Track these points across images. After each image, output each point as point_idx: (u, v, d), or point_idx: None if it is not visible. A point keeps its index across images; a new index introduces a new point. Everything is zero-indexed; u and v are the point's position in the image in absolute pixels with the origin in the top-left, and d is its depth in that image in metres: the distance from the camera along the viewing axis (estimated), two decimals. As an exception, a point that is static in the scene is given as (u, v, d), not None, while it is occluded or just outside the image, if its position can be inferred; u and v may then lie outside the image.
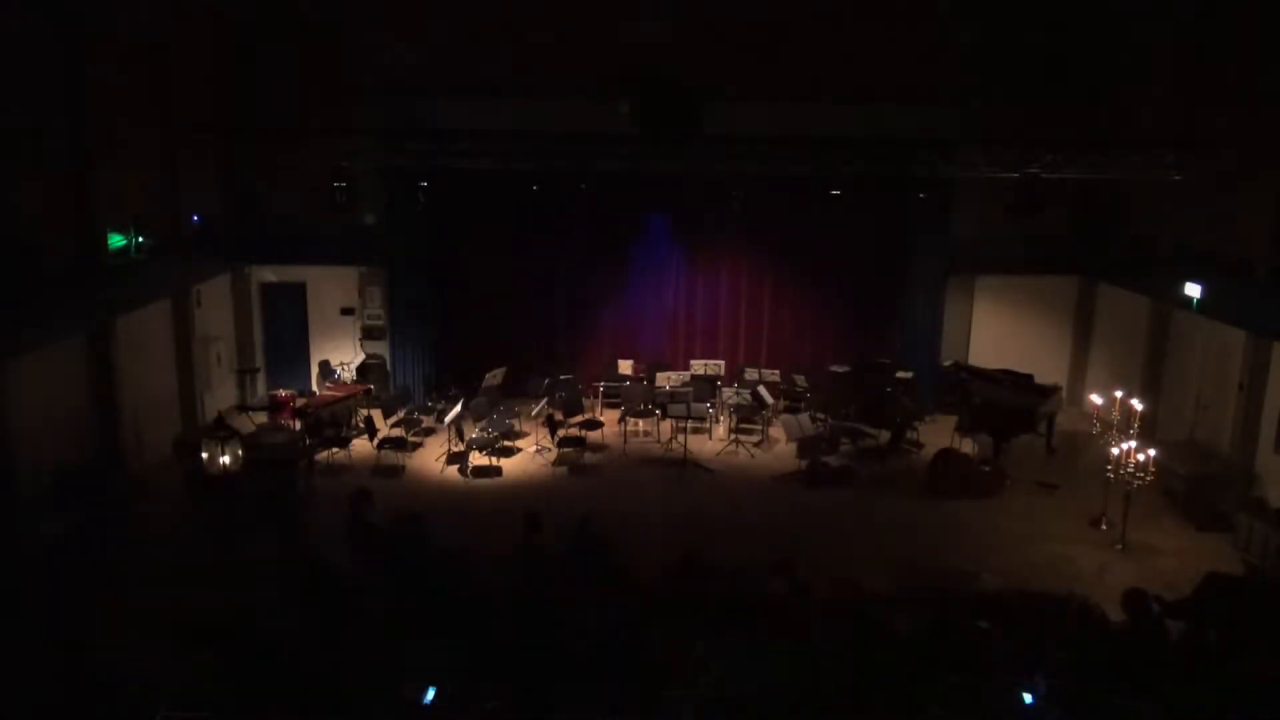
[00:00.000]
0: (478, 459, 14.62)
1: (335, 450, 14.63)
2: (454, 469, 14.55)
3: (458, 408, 15.01)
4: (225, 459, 10.37)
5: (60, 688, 7.22)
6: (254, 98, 16.36)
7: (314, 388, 17.45)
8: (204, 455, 10.58)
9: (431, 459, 14.96)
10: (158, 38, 14.18)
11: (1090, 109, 16.23)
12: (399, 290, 17.32)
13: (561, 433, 15.25)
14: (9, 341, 10.63)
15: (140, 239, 13.15)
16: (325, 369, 17.57)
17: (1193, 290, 13.36)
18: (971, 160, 14.52)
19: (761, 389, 15.89)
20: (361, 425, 15.03)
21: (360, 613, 8.03)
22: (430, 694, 6.47)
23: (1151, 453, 11.77)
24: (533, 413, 15.60)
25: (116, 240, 12.93)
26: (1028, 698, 6.43)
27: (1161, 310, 15.22)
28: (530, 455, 15.21)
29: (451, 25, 16.11)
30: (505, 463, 14.83)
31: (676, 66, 15.00)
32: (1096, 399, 13.67)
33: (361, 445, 14.92)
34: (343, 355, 17.77)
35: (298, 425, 14.60)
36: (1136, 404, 12.57)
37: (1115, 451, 12.00)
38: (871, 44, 16.25)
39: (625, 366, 17.28)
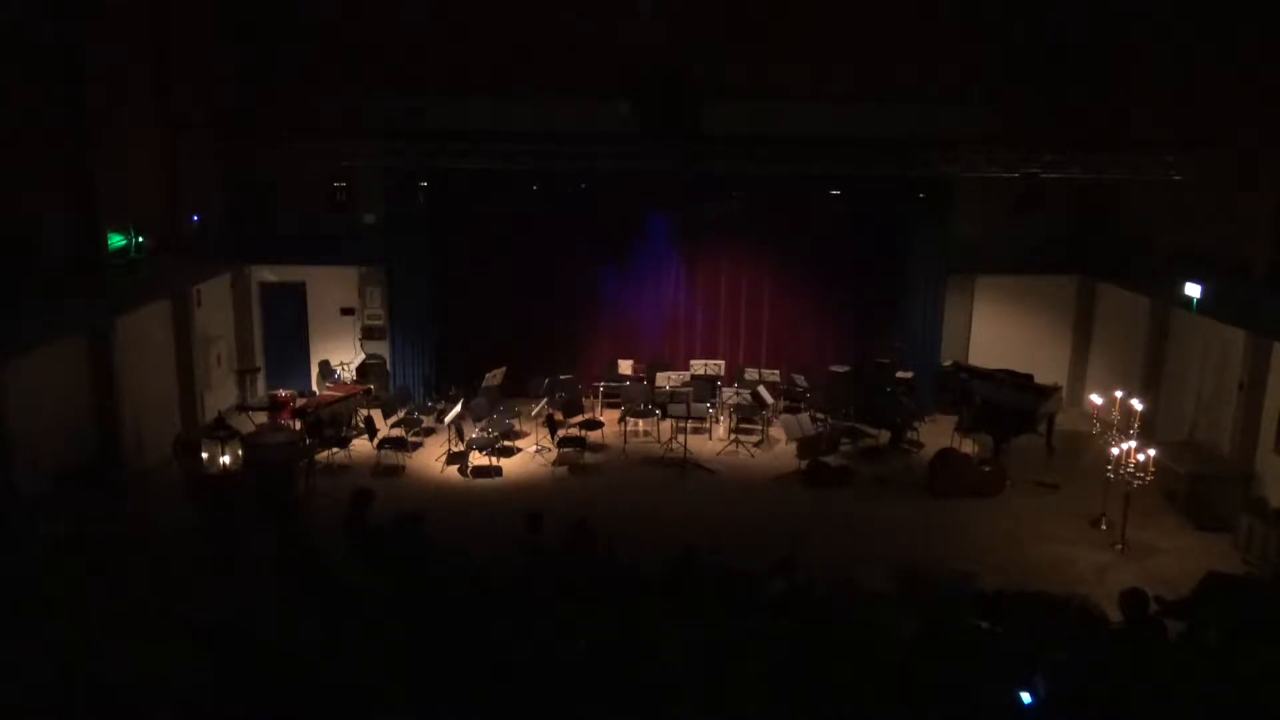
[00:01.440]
0: (478, 459, 14.63)
1: (335, 450, 14.62)
2: (454, 469, 14.55)
3: (458, 408, 15.01)
4: (225, 459, 10.39)
5: (60, 688, 7.21)
6: (254, 97, 16.37)
7: (314, 388, 17.45)
8: (204, 455, 10.59)
9: (431, 459, 14.96)
10: (158, 37, 14.19)
11: (1090, 109, 16.24)
12: (399, 290, 17.33)
13: (561, 433, 15.24)
14: (9, 341, 10.62)
15: (140, 239, 13.16)
16: (325, 369, 17.57)
17: (1192, 290, 13.36)
18: (971, 160, 14.52)
19: (761, 389, 15.89)
20: (361, 425, 15.03)
21: (359, 613, 8.01)
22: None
23: (1151, 453, 11.77)
24: (533, 413, 15.61)
25: (116, 240, 12.93)
26: (1027, 698, 6.41)
27: (1161, 310, 15.23)
28: (530, 455, 15.22)
29: (451, 25, 16.12)
30: (505, 463, 14.83)
31: (676, 66, 15.01)
32: (1096, 399, 13.68)
33: (361, 445, 14.92)
34: (343, 355, 17.76)
35: (298, 425, 14.59)
36: (1136, 404, 12.58)
37: (1115, 451, 12.00)
38: (871, 43, 16.29)
39: (625, 366, 17.28)
